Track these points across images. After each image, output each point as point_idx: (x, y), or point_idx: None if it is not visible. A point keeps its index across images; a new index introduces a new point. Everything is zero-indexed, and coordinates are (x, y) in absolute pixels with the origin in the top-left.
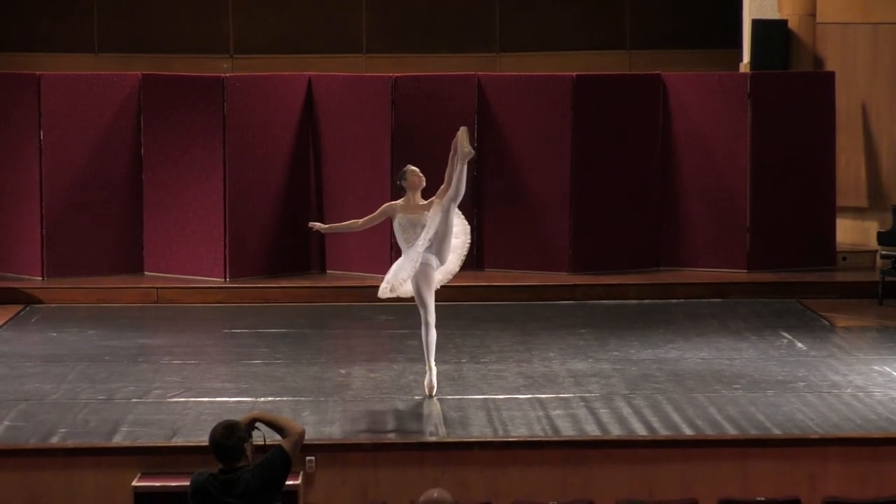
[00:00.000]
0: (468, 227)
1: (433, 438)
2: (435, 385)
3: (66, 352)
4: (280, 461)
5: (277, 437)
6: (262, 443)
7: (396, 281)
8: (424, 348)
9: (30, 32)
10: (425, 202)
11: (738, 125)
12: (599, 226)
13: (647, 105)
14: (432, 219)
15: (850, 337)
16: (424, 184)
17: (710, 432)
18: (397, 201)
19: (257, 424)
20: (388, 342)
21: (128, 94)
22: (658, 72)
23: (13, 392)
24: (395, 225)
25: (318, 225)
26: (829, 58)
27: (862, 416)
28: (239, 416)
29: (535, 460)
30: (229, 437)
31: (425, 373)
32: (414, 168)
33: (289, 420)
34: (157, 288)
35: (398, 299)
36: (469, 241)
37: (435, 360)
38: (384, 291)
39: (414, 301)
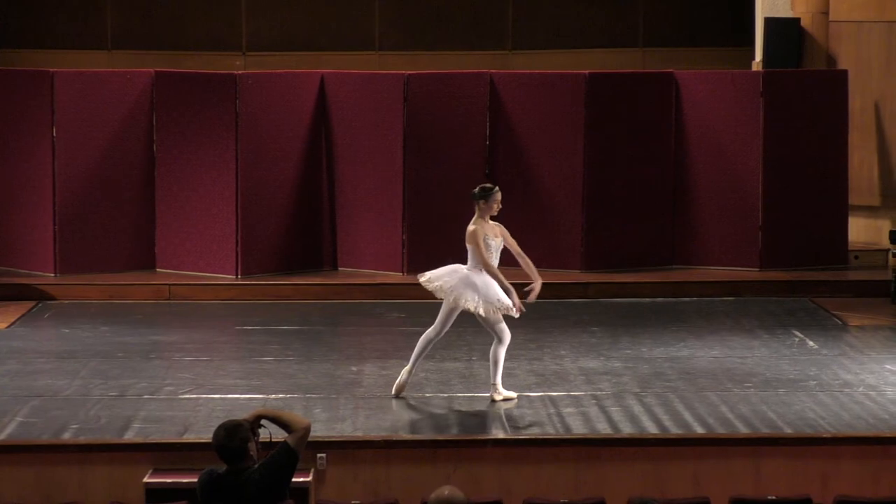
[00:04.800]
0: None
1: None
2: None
3: (79, 348)
4: (286, 458)
5: (283, 433)
6: (269, 439)
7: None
8: (421, 352)
9: (44, 29)
10: (496, 225)
11: (750, 123)
12: (612, 224)
13: (660, 103)
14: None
15: (863, 336)
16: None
17: (721, 431)
18: (479, 223)
19: (263, 421)
20: (400, 339)
21: (141, 91)
22: (671, 70)
23: (26, 388)
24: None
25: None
26: (842, 56)
27: (874, 415)
28: (244, 414)
29: (547, 458)
30: (231, 438)
31: (407, 372)
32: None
33: (294, 415)
34: (170, 285)
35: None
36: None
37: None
38: (478, 307)
39: (434, 299)
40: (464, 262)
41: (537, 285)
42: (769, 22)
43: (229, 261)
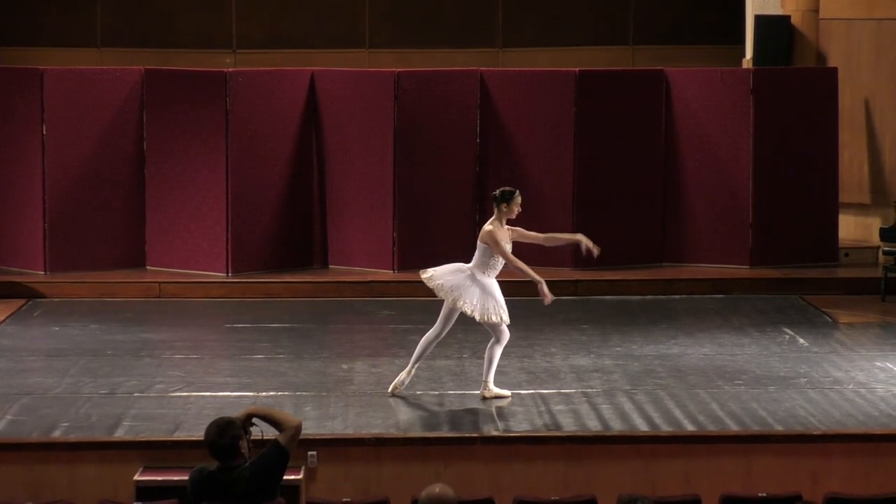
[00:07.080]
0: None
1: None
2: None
3: (69, 346)
4: (276, 456)
5: (275, 431)
6: (261, 437)
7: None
8: (422, 353)
9: (33, 27)
10: (509, 229)
11: (741, 121)
12: (602, 221)
13: (650, 100)
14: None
15: (853, 333)
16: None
17: (712, 428)
18: (496, 225)
19: (254, 419)
20: (391, 337)
21: (131, 89)
22: (661, 67)
23: (16, 386)
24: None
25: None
26: (832, 54)
27: (864, 413)
28: (235, 412)
29: (537, 455)
30: (223, 435)
31: (407, 373)
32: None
33: (285, 413)
34: (160, 282)
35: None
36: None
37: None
38: (474, 311)
39: (426, 297)
40: (457, 258)
41: (582, 239)
42: (759, 19)
43: (219, 259)
